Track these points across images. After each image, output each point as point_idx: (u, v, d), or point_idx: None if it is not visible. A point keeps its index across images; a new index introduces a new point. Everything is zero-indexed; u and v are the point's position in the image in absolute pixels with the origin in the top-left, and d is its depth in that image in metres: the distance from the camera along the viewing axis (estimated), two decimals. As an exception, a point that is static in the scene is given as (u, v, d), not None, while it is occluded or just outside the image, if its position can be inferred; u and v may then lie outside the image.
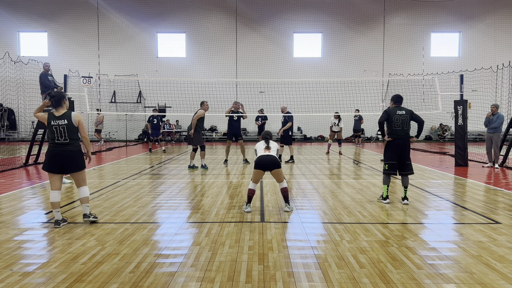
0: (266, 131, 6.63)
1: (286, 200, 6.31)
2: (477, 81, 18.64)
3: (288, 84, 24.48)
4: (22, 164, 11.88)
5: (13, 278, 3.67)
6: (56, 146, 5.39)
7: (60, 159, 5.37)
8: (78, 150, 5.51)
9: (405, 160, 6.83)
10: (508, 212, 6.21)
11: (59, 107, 5.48)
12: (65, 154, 5.37)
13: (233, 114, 12.76)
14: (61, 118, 5.41)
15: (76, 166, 5.46)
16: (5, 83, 14.89)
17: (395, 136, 6.84)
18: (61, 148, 5.38)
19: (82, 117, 5.59)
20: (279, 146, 6.48)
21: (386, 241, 4.73)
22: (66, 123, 5.39)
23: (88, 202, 5.57)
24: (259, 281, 3.61)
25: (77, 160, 5.45)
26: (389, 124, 6.95)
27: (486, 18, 26.98)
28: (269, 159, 6.18)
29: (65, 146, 5.39)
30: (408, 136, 6.92)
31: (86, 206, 5.55)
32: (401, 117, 6.86)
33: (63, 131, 5.38)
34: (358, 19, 27.05)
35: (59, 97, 5.49)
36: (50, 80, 12.29)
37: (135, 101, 26.61)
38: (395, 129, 6.87)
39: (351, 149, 19.24)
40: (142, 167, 12.07)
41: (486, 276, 3.72)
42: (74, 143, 5.45)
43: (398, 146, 6.81)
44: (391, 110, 6.97)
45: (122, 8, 26.97)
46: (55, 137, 5.40)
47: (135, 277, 3.69)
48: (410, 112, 6.93)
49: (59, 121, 5.39)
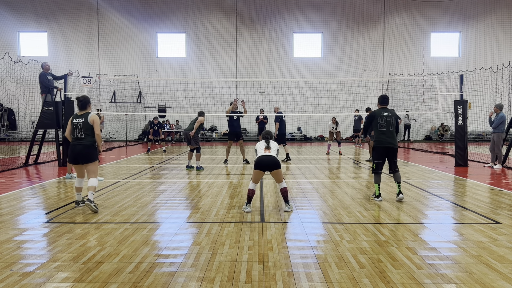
0: (266, 131, 6.63)
1: (286, 200, 6.31)
2: (477, 81, 18.63)
3: (288, 84, 24.47)
4: (22, 164, 11.88)
5: (13, 278, 3.67)
6: (74, 141, 6.32)
7: (75, 151, 6.28)
8: (91, 144, 6.31)
9: (392, 159, 7.05)
10: (508, 212, 6.21)
11: (83, 110, 6.41)
12: (80, 147, 6.25)
13: (232, 114, 12.77)
14: (80, 117, 6.35)
15: (88, 158, 6.29)
16: (5, 83, 14.87)
17: (380, 139, 7.01)
18: (77, 143, 6.28)
19: (97, 117, 6.40)
20: (280, 147, 6.54)
21: (386, 241, 4.73)
22: (82, 121, 6.30)
23: (94, 190, 6.21)
24: (259, 281, 3.61)
25: (89, 153, 6.29)
26: (374, 125, 7.09)
27: (486, 18, 26.97)
28: (269, 160, 6.18)
29: (80, 140, 6.27)
30: (393, 136, 7.06)
31: (91, 193, 6.19)
32: (386, 118, 7.01)
33: (80, 128, 6.28)
34: (358, 19, 27.05)
35: (84, 102, 6.42)
36: (50, 80, 12.30)
37: (135, 101, 26.61)
38: (380, 130, 7.02)
39: (351, 149, 19.24)
40: (142, 167, 12.07)
41: (486, 276, 3.72)
42: (88, 138, 6.28)
43: (384, 148, 7.01)
44: (376, 112, 7.15)
45: (122, 8, 26.97)
46: (74, 133, 6.31)
47: (135, 277, 3.69)
48: (395, 116, 7.13)
49: (78, 119, 6.32)
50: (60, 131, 12.18)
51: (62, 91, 12.53)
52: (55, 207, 6.50)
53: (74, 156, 6.31)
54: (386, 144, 6.98)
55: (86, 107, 6.41)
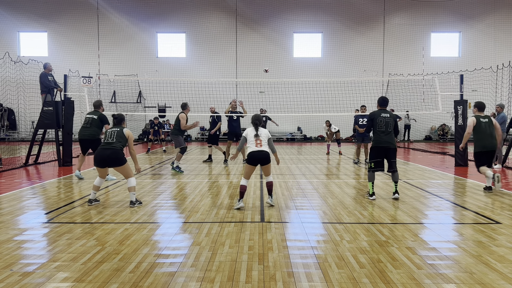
0: (256, 115, 6.59)
1: (269, 193, 6.55)
2: (477, 81, 18.63)
3: (288, 84, 24.47)
4: (22, 164, 11.87)
5: (13, 278, 3.67)
6: (105, 145, 6.65)
7: (105, 155, 6.58)
8: (120, 149, 6.63)
9: (391, 158, 7.15)
10: (508, 212, 6.21)
11: (118, 125, 6.89)
12: (109, 152, 6.55)
13: (232, 114, 12.76)
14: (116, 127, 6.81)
15: (117, 162, 6.59)
16: (5, 83, 14.86)
17: (378, 138, 7.09)
18: (108, 147, 6.59)
19: (132, 134, 6.89)
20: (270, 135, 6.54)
21: (386, 241, 4.73)
22: (118, 130, 6.74)
23: (134, 191, 6.56)
24: (259, 281, 3.61)
25: (118, 157, 6.57)
26: (373, 126, 7.18)
27: (486, 18, 26.97)
28: (260, 154, 6.31)
29: (111, 144, 6.58)
30: (391, 136, 7.14)
31: (132, 193, 6.57)
32: (385, 119, 7.11)
33: (113, 134, 6.67)
34: (358, 19, 27.05)
35: (120, 119, 6.93)
36: (50, 80, 12.30)
37: (135, 101, 26.62)
38: (379, 130, 7.11)
39: (351, 149, 19.23)
40: (142, 167, 12.07)
41: (486, 276, 3.72)
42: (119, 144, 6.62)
43: (382, 148, 7.11)
44: (376, 113, 7.24)
45: (122, 8, 26.97)
46: (105, 139, 6.68)
47: (135, 277, 3.69)
48: (394, 117, 7.22)
49: (113, 129, 6.77)
50: (60, 131, 12.18)
51: (62, 91, 12.53)
52: (55, 207, 6.50)
53: (103, 159, 6.53)
54: (383, 143, 7.09)
55: (121, 123, 6.93)
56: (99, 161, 6.58)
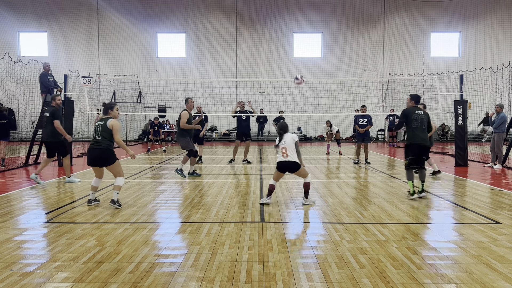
0: (280, 124, 6.70)
1: (305, 194, 6.67)
2: (477, 81, 18.61)
3: (288, 84, 24.38)
4: (22, 164, 11.87)
5: (13, 278, 3.67)
6: (92, 144, 6.47)
7: (93, 155, 6.47)
8: (106, 148, 6.43)
9: (423, 155, 7.27)
10: (508, 212, 6.21)
11: (105, 114, 6.64)
12: (97, 152, 6.43)
13: (241, 114, 12.58)
14: (101, 121, 6.52)
15: (106, 161, 6.48)
16: (5, 83, 14.85)
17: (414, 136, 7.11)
18: (95, 146, 6.44)
19: (117, 123, 6.53)
20: (297, 139, 6.60)
21: (386, 241, 4.73)
22: (102, 124, 6.47)
23: (118, 190, 6.46)
24: (259, 281, 3.61)
25: (106, 157, 6.44)
26: (408, 124, 7.16)
27: (486, 18, 26.97)
28: (287, 165, 6.47)
29: (97, 143, 6.42)
30: (426, 134, 7.19)
31: (115, 192, 6.47)
32: (419, 116, 7.14)
33: (98, 130, 6.43)
34: (358, 19, 27.04)
35: (106, 108, 6.67)
36: (50, 80, 12.30)
37: (135, 101, 26.61)
38: (414, 127, 7.11)
39: (351, 149, 19.23)
40: (142, 167, 12.07)
41: (486, 276, 3.72)
42: (105, 141, 6.40)
43: (417, 145, 7.13)
44: (410, 110, 7.22)
45: (122, 8, 26.96)
46: (93, 136, 6.53)
47: (135, 277, 3.69)
48: (428, 114, 7.29)
49: (99, 122, 6.53)
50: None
51: (62, 91, 12.53)
52: (55, 207, 6.50)
53: (92, 159, 6.49)
54: (419, 141, 7.12)
55: (108, 112, 6.63)
56: (89, 161, 6.55)
